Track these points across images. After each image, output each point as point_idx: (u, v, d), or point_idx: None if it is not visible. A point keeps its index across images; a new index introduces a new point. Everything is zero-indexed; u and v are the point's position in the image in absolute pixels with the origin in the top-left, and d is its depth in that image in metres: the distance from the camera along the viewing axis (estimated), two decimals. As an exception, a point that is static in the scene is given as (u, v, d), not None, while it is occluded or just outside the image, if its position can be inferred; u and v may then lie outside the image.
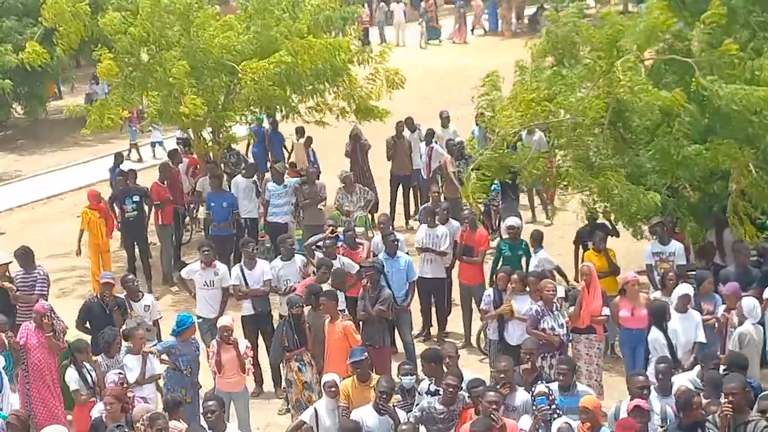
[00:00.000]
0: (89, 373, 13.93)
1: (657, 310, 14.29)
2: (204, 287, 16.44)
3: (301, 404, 14.48)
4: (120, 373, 13.29)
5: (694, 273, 15.92)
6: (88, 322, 15.66)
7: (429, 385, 12.82)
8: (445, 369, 12.97)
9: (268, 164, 24.38)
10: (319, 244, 17.04)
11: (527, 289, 15.32)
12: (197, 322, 15.55)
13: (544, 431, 11.83)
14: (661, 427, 11.71)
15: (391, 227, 18.35)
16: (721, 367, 12.63)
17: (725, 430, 10.98)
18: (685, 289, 14.56)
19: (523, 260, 17.29)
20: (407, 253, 17.26)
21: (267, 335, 16.33)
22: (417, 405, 12.59)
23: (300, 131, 24.64)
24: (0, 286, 15.99)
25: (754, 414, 11.29)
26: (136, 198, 20.48)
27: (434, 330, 18.09)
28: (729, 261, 16.73)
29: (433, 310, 17.97)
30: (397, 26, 45.53)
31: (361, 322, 15.37)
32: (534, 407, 11.95)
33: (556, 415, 11.87)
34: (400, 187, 23.31)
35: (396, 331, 16.70)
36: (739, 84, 15.59)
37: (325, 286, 15.38)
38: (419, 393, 12.87)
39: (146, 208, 20.77)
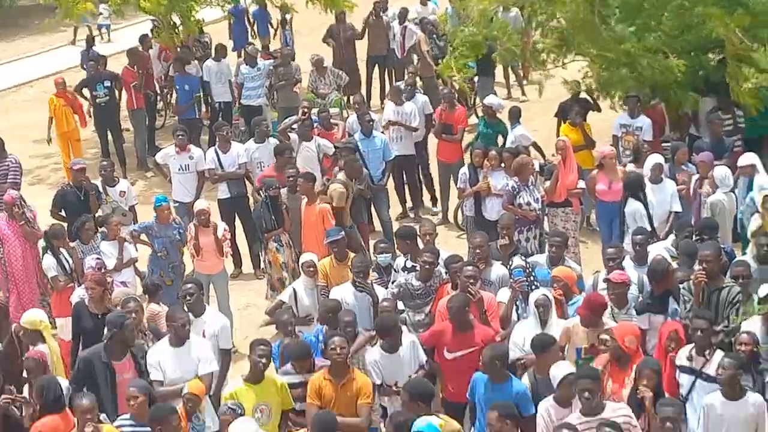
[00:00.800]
0: (66, 259, 13.91)
1: (632, 181, 14.30)
2: (179, 171, 16.40)
3: (280, 285, 14.56)
4: (98, 258, 13.29)
5: (668, 144, 15.95)
6: (63, 210, 15.61)
7: (405, 261, 12.88)
8: (421, 245, 13.04)
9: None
10: (293, 126, 16.93)
11: (503, 165, 15.33)
12: (174, 206, 15.53)
13: (522, 303, 11.93)
14: (640, 295, 11.80)
15: (366, 107, 18.28)
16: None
17: (699, 296, 11.08)
18: (656, 158, 14.59)
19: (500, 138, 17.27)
20: (383, 133, 17.21)
21: (244, 218, 16.33)
22: (394, 282, 12.66)
23: (284, 8, 24.27)
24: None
25: (727, 280, 11.39)
26: (107, 83, 20.24)
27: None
28: (705, 132, 16.76)
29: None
30: None
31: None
32: (511, 280, 12.03)
33: (533, 287, 11.95)
34: (376, 67, 23.12)
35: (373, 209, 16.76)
36: None
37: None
38: (396, 270, 12.94)
39: (117, 93, 20.59)
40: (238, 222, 16.51)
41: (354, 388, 10.43)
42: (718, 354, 10.10)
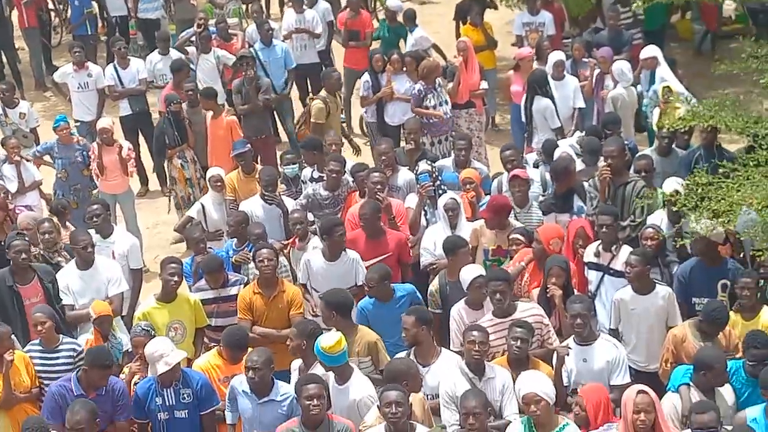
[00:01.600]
0: (-32, 186, 13.62)
1: (537, 78, 14.24)
2: (78, 90, 16.13)
3: (186, 201, 14.44)
4: (-3, 183, 13.06)
5: (569, 40, 15.99)
6: (-40, 135, 15.27)
7: (312, 172, 12.83)
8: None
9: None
10: (191, 39, 16.67)
11: (405, 69, 15.26)
12: (75, 125, 15.28)
13: (430, 208, 11.98)
14: (543, 195, 11.90)
15: (265, 16, 18.04)
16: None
17: (605, 193, 11.18)
18: (557, 55, 14.63)
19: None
20: (283, 42, 17.01)
21: (147, 134, 16.11)
22: (302, 192, 12.62)
23: None
24: None
25: (632, 175, 11.51)
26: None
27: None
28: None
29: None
30: None
31: (242, 115, 15.21)
32: (418, 185, 12.05)
33: (440, 191, 12.00)
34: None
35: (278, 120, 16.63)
36: None
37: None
38: (303, 181, 12.89)
39: (8, 11, 20.00)
40: (142, 139, 16.29)
41: (285, 300, 10.47)
42: (625, 249, 10.24)
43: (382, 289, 10.14)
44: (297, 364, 9.43)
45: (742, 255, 10.61)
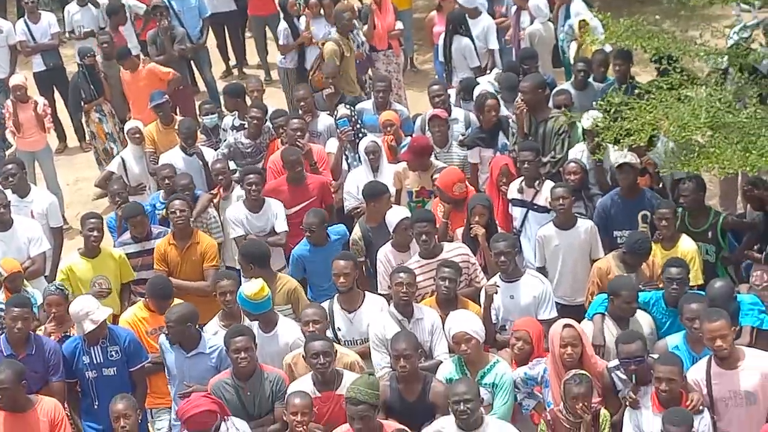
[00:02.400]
0: None
1: (456, 17, 14.17)
2: (-12, 47, 15.82)
3: (107, 155, 14.26)
4: None
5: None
6: None
7: (233, 120, 12.73)
8: (248, 102, 12.89)
9: None
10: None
11: (323, 12, 15.14)
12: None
13: (351, 152, 11.95)
14: (462, 135, 11.88)
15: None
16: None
17: (523, 128, 11.15)
18: (472, -3, 14.59)
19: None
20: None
21: (62, 89, 15.85)
22: (224, 141, 12.53)
23: None
24: None
25: (553, 111, 11.48)
26: None
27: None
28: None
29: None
30: None
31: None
32: (338, 130, 12.01)
33: (360, 135, 11.97)
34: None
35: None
36: None
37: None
38: (224, 129, 12.79)
39: None
40: (57, 95, 16.02)
41: (198, 252, 10.47)
42: (548, 184, 10.27)
43: (320, 234, 10.15)
44: (213, 327, 9.34)
45: (660, 185, 10.72)
